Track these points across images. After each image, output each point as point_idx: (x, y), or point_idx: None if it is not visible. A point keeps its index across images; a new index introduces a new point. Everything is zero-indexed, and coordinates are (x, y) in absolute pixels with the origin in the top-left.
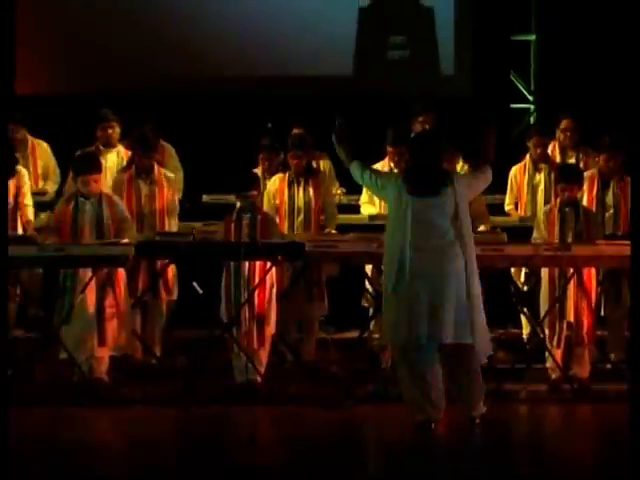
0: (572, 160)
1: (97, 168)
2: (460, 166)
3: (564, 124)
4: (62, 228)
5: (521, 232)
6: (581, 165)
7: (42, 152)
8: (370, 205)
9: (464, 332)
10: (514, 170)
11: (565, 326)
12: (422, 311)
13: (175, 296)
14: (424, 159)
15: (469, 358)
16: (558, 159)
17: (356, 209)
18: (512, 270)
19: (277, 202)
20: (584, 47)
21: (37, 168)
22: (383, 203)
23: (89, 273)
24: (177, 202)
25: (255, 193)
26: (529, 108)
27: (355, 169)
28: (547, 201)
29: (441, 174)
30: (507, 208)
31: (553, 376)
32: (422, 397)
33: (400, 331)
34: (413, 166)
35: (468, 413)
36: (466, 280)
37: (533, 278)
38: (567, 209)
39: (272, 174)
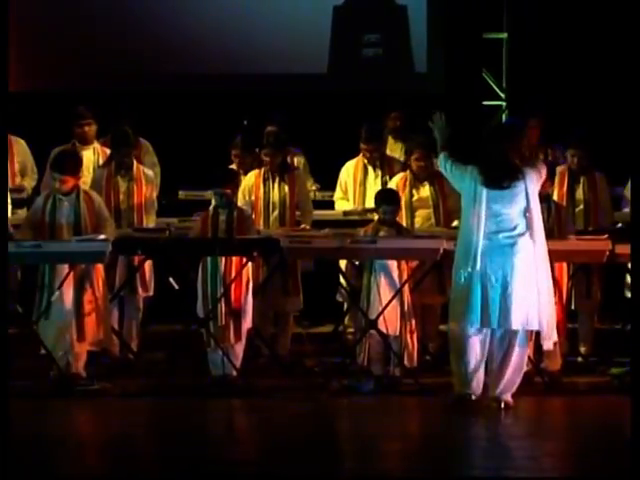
0: (541, 156)
1: (70, 169)
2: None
3: (531, 122)
4: (40, 225)
5: None
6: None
7: (19, 149)
8: (344, 201)
9: (532, 319)
10: None
11: None
12: (494, 298)
13: (152, 291)
14: (498, 153)
15: (523, 344)
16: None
17: (331, 205)
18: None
19: (252, 198)
20: (555, 45)
21: (14, 165)
22: (357, 199)
23: (67, 269)
24: (155, 199)
25: (231, 190)
26: (501, 105)
27: (442, 158)
28: None
29: (514, 168)
30: None
31: (525, 369)
32: (472, 373)
33: (472, 317)
34: (488, 159)
35: (492, 394)
36: (535, 270)
37: None
38: (539, 205)
39: (246, 171)
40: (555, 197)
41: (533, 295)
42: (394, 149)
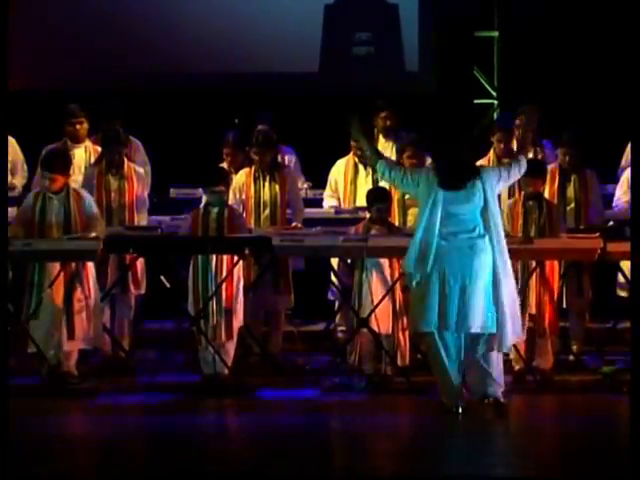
0: (530, 155)
1: (59, 168)
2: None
3: (520, 120)
4: (29, 223)
5: None
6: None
7: (10, 147)
8: (332, 198)
9: (491, 322)
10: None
11: (528, 318)
12: (452, 301)
13: (143, 290)
14: (453, 154)
15: (490, 345)
16: None
17: (322, 203)
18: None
19: (243, 197)
20: (546, 43)
21: None
22: (348, 197)
23: (57, 267)
24: (146, 197)
25: (222, 188)
26: (493, 103)
27: (382, 167)
28: (511, 195)
29: (469, 168)
30: None
31: (517, 367)
32: (451, 382)
33: (429, 319)
34: (442, 160)
35: (484, 393)
36: (495, 272)
37: None
38: (531, 203)
39: (237, 169)
40: (546, 195)
41: (493, 298)
42: (385, 148)
